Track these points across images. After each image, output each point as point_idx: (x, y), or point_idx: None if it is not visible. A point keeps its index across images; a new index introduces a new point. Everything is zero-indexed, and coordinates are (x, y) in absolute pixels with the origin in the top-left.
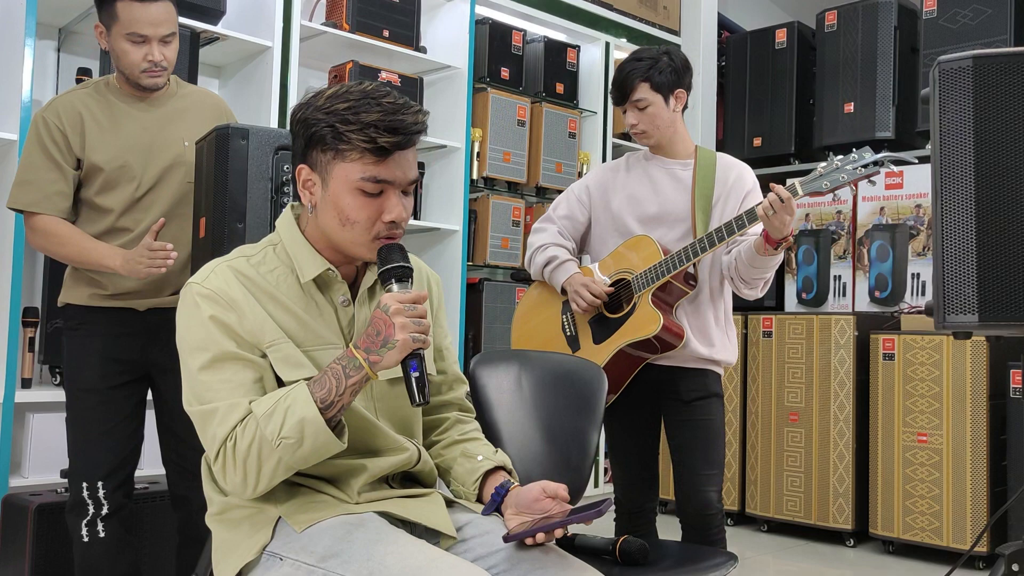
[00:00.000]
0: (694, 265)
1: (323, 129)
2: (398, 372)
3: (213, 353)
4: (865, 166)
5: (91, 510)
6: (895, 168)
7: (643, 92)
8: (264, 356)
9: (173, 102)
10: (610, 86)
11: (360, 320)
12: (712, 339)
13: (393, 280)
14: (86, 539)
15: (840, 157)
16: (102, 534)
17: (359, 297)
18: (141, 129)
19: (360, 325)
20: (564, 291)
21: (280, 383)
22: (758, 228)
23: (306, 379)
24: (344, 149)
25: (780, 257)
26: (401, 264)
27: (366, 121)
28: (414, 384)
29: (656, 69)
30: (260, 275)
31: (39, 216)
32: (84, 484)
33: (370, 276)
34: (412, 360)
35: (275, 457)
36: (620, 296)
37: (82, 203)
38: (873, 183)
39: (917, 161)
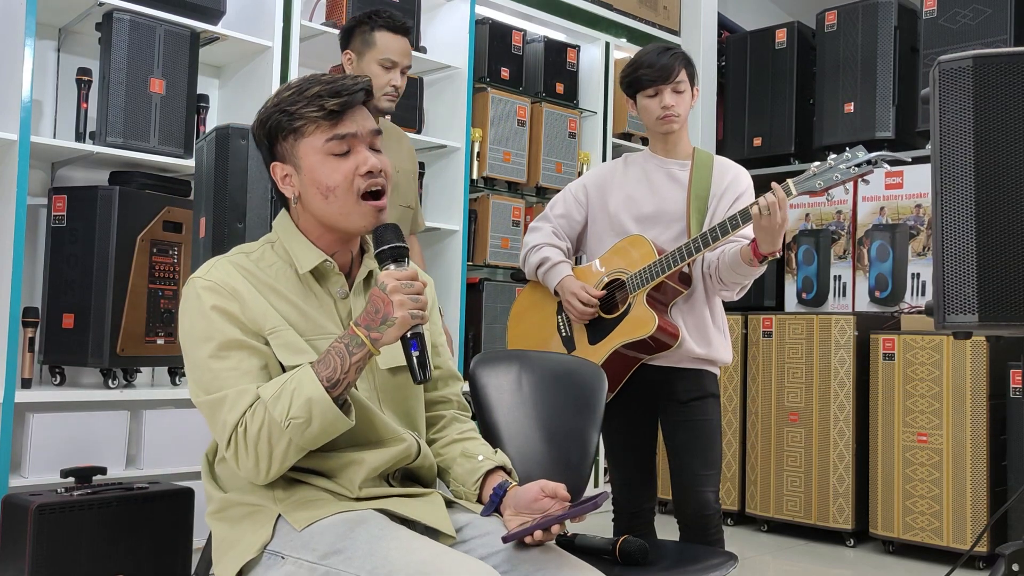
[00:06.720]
0: (688, 265)
1: (276, 117)
2: (400, 361)
3: (219, 341)
4: (859, 165)
5: None
6: (894, 168)
7: (683, 76)
8: (267, 344)
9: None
10: (639, 70)
11: (357, 311)
12: (709, 339)
13: (390, 260)
14: None
15: (834, 156)
16: None
17: (355, 288)
18: None
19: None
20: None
21: (283, 371)
22: (751, 230)
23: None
24: (300, 125)
25: (763, 269)
26: (396, 244)
27: (311, 94)
28: (415, 362)
29: (689, 60)
30: (260, 269)
31: None
32: None
33: (364, 268)
34: (413, 339)
35: (285, 438)
36: (615, 296)
37: None
38: (867, 182)
39: (911, 160)
